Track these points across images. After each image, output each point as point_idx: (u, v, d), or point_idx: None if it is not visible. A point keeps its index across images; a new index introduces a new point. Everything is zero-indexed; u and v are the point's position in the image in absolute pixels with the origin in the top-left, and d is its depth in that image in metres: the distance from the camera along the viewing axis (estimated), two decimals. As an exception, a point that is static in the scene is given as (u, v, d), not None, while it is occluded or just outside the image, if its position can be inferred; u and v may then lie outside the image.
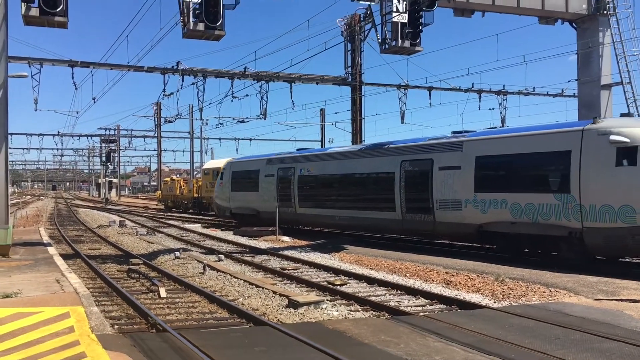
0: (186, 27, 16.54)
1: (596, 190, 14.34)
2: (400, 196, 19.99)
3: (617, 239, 14.08)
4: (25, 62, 25.80)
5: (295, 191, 25.89)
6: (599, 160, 14.32)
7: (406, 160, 20.03)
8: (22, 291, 10.73)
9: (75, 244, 22.74)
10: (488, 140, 17.45)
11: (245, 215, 29.91)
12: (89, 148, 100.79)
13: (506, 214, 16.35)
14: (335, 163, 24.02)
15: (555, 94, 37.09)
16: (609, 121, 15.11)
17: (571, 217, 14.80)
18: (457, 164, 17.94)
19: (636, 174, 13.71)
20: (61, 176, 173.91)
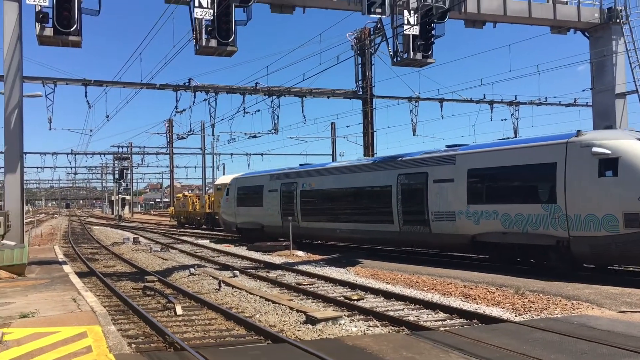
0: (198, 43, 16.64)
1: (581, 200, 14.84)
2: (397, 209, 20.65)
3: (602, 247, 14.55)
4: (39, 82, 26.11)
5: (297, 205, 26.57)
6: (583, 172, 14.84)
7: (402, 174, 20.70)
8: (39, 311, 10.69)
9: (90, 262, 22.76)
10: (479, 153, 18.01)
11: (250, 230, 30.56)
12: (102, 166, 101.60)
13: (497, 225, 16.88)
14: (335, 178, 24.62)
15: (568, 104, 36.90)
16: (592, 134, 15.54)
17: (558, 226, 15.31)
18: (451, 176, 18.52)
19: (617, 184, 14.24)
20: (74, 194, 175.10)
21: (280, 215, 27.76)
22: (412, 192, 20.24)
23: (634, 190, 13.93)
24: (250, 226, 30.69)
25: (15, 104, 17.24)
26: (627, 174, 14.12)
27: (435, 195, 19.04)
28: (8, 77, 17.26)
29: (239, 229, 32.13)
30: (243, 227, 31.57)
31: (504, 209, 16.71)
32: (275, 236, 27.82)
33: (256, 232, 29.85)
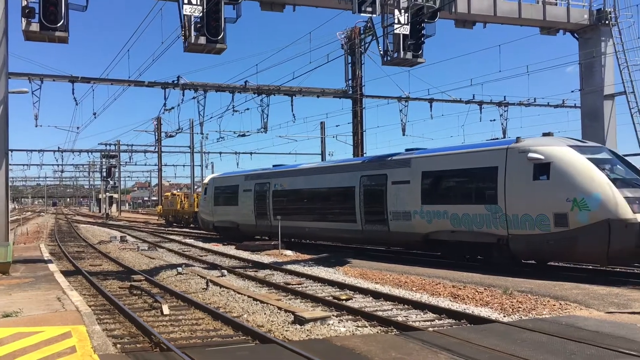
0: (187, 41, 16.47)
1: (518, 201, 16.08)
2: (360, 208, 21.84)
3: (536, 244, 15.84)
4: (25, 78, 25.78)
5: (270, 205, 27.68)
6: (520, 175, 16.08)
7: (365, 175, 21.94)
8: (22, 310, 10.52)
9: (76, 261, 22.53)
10: (431, 157, 19.39)
11: (227, 229, 31.76)
12: (89, 164, 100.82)
13: (447, 224, 18.13)
14: (305, 178, 25.86)
15: (556, 105, 37.05)
16: (529, 140, 16.74)
17: (499, 225, 16.58)
18: (407, 178, 19.79)
19: (549, 187, 15.45)
20: (61, 192, 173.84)
21: (254, 215, 28.92)
22: (372, 193, 21.39)
23: (563, 192, 15.08)
24: (226, 225, 31.73)
25: (0, 100, 16.99)
26: (557, 177, 15.29)
27: (393, 196, 20.24)
28: (-7, 72, 17.01)
29: (216, 227, 33.19)
30: (220, 226, 32.68)
31: (453, 209, 17.93)
32: (250, 234, 29.42)
33: (232, 231, 30.94)
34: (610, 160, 15.99)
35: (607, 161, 15.84)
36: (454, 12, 20.57)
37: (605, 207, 14.49)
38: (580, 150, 15.73)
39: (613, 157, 16.40)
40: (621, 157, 16.85)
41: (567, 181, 15.14)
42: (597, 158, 15.62)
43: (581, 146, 16.18)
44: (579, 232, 14.84)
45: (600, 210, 14.55)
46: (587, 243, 14.79)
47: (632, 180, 15.40)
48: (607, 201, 14.49)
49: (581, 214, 14.82)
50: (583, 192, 14.83)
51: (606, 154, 16.29)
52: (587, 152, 15.75)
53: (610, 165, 15.77)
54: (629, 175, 15.69)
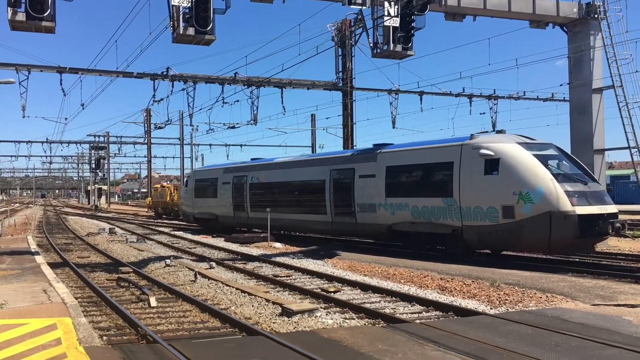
0: (176, 31, 16.31)
1: (471, 194, 17.11)
2: (330, 201, 22.90)
3: (486, 234, 16.86)
4: (12, 69, 25.45)
5: (247, 197, 28.71)
6: (473, 170, 17.10)
7: (334, 169, 22.93)
8: (7, 302, 10.44)
9: (64, 253, 22.38)
10: (395, 152, 20.43)
11: (207, 220, 32.89)
12: (78, 155, 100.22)
13: (408, 216, 19.20)
14: (279, 172, 26.86)
15: (545, 98, 37.18)
16: (482, 137, 17.88)
17: (454, 217, 17.60)
18: (373, 172, 20.81)
19: (498, 181, 16.47)
20: (50, 184, 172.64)
21: (232, 207, 29.98)
22: (341, 186, 22.41)
23: (510, 186, 16.13)
24: (206, 216, 32.79)
25: (-14, 91, 16.79)
26: (505, 172, 16.32)
27: (360, 189, 21.27)
28: (-22, 62, 16.80)
29: (197, 219, 34.26)
30: (200, 217, 33.72)
31: (413, 201, 19.02)
32: (229, 226, 30.52)
33: (212, 222, 32.13)
34: (556, 157, 17.10)
35: (553, 157, 16.94)
36: (444, 5, 20.55)
37: (547, 200, 15.52)
38: (527, 147, 16.70)
39: (559, 153, 17.38)
40: (567, 154, 17.84)
41: (513, 176, 16.13)
42: (542, 154, 16.63)
43: (529, 143, 17.08)
44: (524, 223, 15.84)
45: (543, 203, 15.57)
46: (531, 233, 15.83)
47: (573, 176, 16.43)
48: (549, 195, 15.51)
49: (526, 206, 15.84)
50: (528, 186, 15.85)
51: (553, 151, 17.26)
52: (534, 149, 16.72)
53: (555, 161, 16.89)
54: (571, 170, 16.78)
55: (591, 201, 15.86)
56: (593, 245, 16.95)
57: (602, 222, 15.66)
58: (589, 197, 15.92)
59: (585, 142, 21.38)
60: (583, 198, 15.76)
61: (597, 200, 16.10)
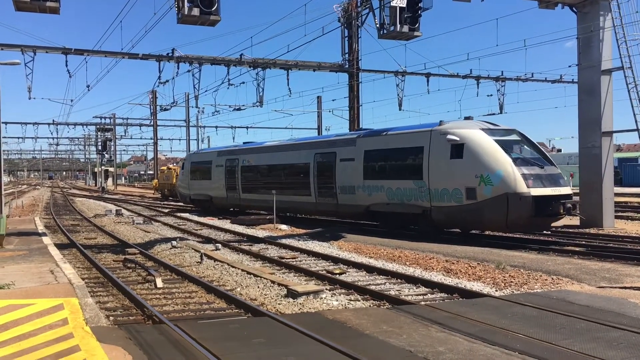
0: (181, 12, 16.21)
1: (439, 177, 18.28)
2: (314, 183, 24.20)
3: (452, 214, 18.05)
4: (18, 50, 25.32)
5: (239, 179, 30.30)
6: (441, 154, 18.24)
7: (318, 153, 24.23)
8: (15, 282, 10.53)
9: (71, 234, 22.53)
10: (372, 137, 21.70)
11: (202, 201, 34.69)
12: (84, 137, 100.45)
13: (384, 197, 20.46)
14: (268, 155, 28.31)
15: (554, 80, 36.78)
16: (450, 123, 18.83)
17: (424, 198, 18.81)
18: (352, 156, 22.08)
19: (462, 165, 17.56)
20: (57, 165, 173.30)
21: (225, 188, 31.62)
22: (324, 169, 23.71)
23: (473, 170, 17.24)
24: (201, 197, 34.62)
25: (-8, 72, 16.77)
26: (469, 157, 17.43)
27: (341, 172, 22.57)
28: (-17, 43, 16.75)
29: (193, 200, 36.05)
30: (195, 198, 35.52)
31: (388, 184, 20.26)
32: (221, 206, 32.38)
33: (206, 203, 33.98)
34: (517, 142, 18.32)
35: (514, 142, 18.20)
36: (452, -15, 20.22)
37: (504, 182, 16.68)
38: (490, 133, 17.83)
39: (521, 139, 18.51)
40: (528, 140, 18.79)
41: (476, 160, 17.28)
42: (503, 140, 17.81)
43: (492, 129, 18.20)
44: (485, 204, 17.03)
45: (501, 185, 16.73)
46: (491, 213, 17.02)
47: (531, 160, 17.60)
48: (507, 177, 16.67)
49: (486, 188, 17.01)
50: (488, 169, 16.99)
51: (515, 136, 18.47)
52: (497, 135, 17.89)
53: (516, 146, 18.12)
54: (530, 155, 18.00)
55: (545, 183, 17.02)
56: (549, 224, 18.11)
57: (555, 202, 16.81)
58: (544, 180, 17.05)
59: (593, 124, 21.16)
60: (538, 180, 16.90)
61: (552, 182, 17.21)
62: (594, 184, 21.16)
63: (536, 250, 15.70)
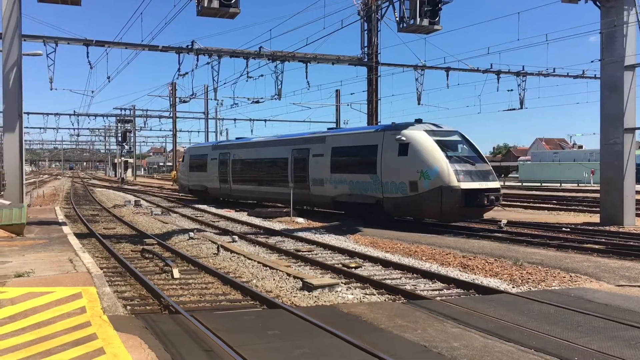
0: (201, 4, 16.27)
1: (389, 172, 20.88)
2: (291, 175, 26.96)
3: (399, 204, 20.73)
4: (40, 41, 25.58)
5: (229, 171, 33.28)
6: (391, 152, 20.87)
7: (295, 149, 27.06)
8: (34, 270, 10.68)
9: (90, 224, 22.79)
10: (338, 135, 24.85)
11: (199, 191, 37.78)
12: (105, 128, 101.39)
13: (346, 189, 23.22)
14: (255, 150, 31.25)
15: (576, 75, 36.23)
16: (400, 125, 21.43)
17: (377, 190, 21.44)
18: (322, 152, 24.86)
19: (407, 162, 20.13)
20: (78, 156, 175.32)
21: (218, 180, 34.69)
22: (300, 163, 26.50)
23: (415, 166, 19.80)
24: (198, 188, 37.74)
25: (14, 62, 16.99)
26: (412, 154, 20.00)
27: (313, 166, 25.37)
28: (7, 34, 16.98)
29: (191, 190, 39.25)
30: (193, 189, 38.68)
31: (350, 177, 23.06)
32: (215, 196, 35.50)
33: (203, 193, 37.06)
34: (456, 142, 20.82)
35: (453, 142, 20.73)
36: (473, -22, 20.03)
37: (440, 177, 19.17)
38: (432, 134, 20.36)
39: (461, 139, 21.04)
40: (467, 140, 21.15)
41: (418, 157, 19.84)
42: (443, 140, 20.37)
43: (435, 131, 20.73)
44: (424, 195, 19.55)
45: (437, 179, 19.23)
46: (429, 203, 19.52)
47: (464, 158, 20.07)
48: (442, 173, 19.17)
49: (425, 182, 19.51)
50: (427, 165, 19.53)
51: (456, 137, 21.05)
52: (438, 136, 20.42)
53: (454, 145, 20.60)
54: (467, 154, 20.40)
55: (475, 178, 19.47)
56: (480, 213, 20.46)
57: (482, 195, 19.18)
58: (474, 175, 19.54)
59: (615, 121, 20.84)
60: (468, 176, 19.36)
61: (481, 178, 19.68)
62: (615, 181, 20.86)
63: (555, 248, 15.54)
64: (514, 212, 27.18)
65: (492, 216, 23.35)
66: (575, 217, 24.56)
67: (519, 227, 20.49)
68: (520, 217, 23.96)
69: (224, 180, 33.92)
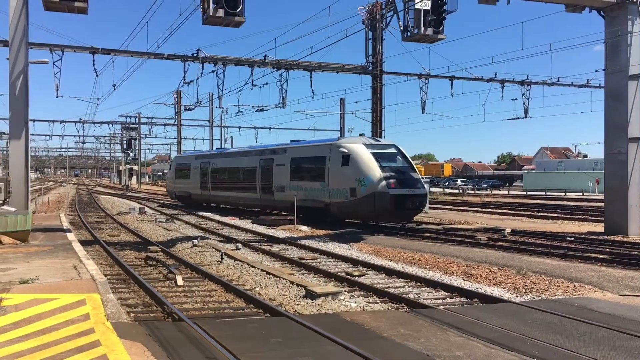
0: (206, 13, 16.36)
1: (335, 180, 24.11)
2: (258, 183, 30.34)
3: (342, 208, 23.98)
4: (46, 49, 25.82)
5: (208, 179, 36.82)
6: (336, 162, 24.08)
7: (262, 159, 30.37)
8: (39, 277, 10.72)
9: (95, 231, 22.86)
10: (295, 147, 28.11)
11: (183, 197, 40.95)
12: (110, 135, 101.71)
13: (302, 194, 25.92)
14: (229, 159, 34.74)
15: (580, 85, 36.28)
16: (345, 139, 25.48)
17: (325, 196, 24.71)
18: (284, 162, 28.08)
19: (348, 171, 23.37)
20: (83, 163, 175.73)
21: (199, 187, 38.06)
22: (266, 171, 29.68)
23: (355, 174, 22.98)
24: (183, 194, 40.94)
25: (21, 70, 17.12)
26: (352, 165, 23.21)
27: (277, 174, 28.50)
28: (13, 42, 17.13)
29: (177, 196, 42.46)
30: (179, 195, 41.86)
31: (304, 184, 26.24)
32: (198, 202, 38.68)
33: (187, 199, 40.10)
34: (390, 154, 23.91)
35: (387, 154, 23.78)
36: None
37: (373, 184, 22.24)
38: (369, 147, 23.52)
39: (396, 151, 24.20)
40: (402, 152, 24.37)
41: (356, 167, 22.97)
42: (379, 152, 23.45)
43: (373, 144, 24.03)
44: (361, 200, 22.57)
45: (371, 186, 22.28)
46: (365, 207, 22.56)
47: (396, 168, 23.21)
48: (375, 181, 22.25)
49: (362, 188, 22.55)
50: (364, 175, 22.61)
51: (392, 150, 24.21)
52: (375, 148, 23.60)
53: (388, 157, 23.60)
54: (399, 164, 23.59)
55: (403, 186, 22.54)
56: (409, 216, 23.77)
57: (408, 200, 22.36)
58: (403, 183, 22.66)
59: (620, 130, 20.82)
60: (398, 184, 22.42)
61: (409, 186, 22.78)
62: (619, 190, 20.83)
63: (559, 257, 15.50)
64: (518, 221, 27.14)
65: (496, 225, 23.34)
66: (579, 227, 24.51)
67: (522, 236, 20.45)
68: (524, 226, 23.93)
69: (204, 187, 37.38)
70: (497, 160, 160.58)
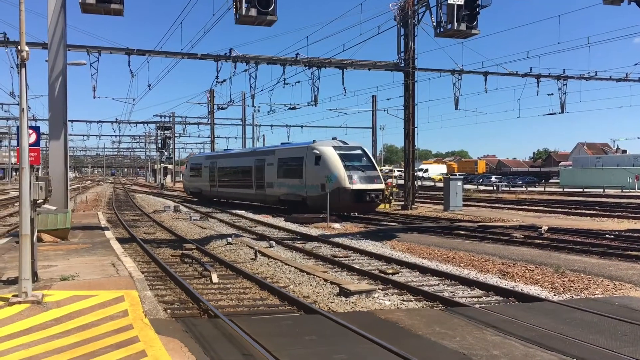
0: (238, 12, 16.46)
1: (310, 177, 28.62)
2: (253, 180, 35.01)
3: (316, 201, 27.92)
4: (84, 50, 26.38)
5: (216, 177, 41.68)
6: (311, 162, 28.61)
7: (256, 159, 35.12)
8: (79, 274, 10.97)
9: (132, 228, 23.27)
10: (281, 149, 32.84)
11: (196, 193, 46.10)
12: (145, 135, 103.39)
13: (286, 190, 30.97)
14: (232, 159, 39.69)
15: (619, 79, 35.41)
16: (318, 142, 29.29)
17: (303, 191, 29.22)
18: (272, 162, 32.80)
19: (319, 169, 27.98)
20: (119, 162, 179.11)
21: (209, 184, 42.96)
22: (259, 170, 34.28)
23: (324, 172, 27.59)
24: (196, 190, 46.22)
25: (59, 72, 17.51)
26: (322, 164, 27.85)
27: (267, 172, 33.13)
28: (52, 44, 17.53)
29: (191, 192, 47.69)
30: (193, 191, 47.21)
31: (287, 181, 30.84)
32: (208, 197, 43.41)
33: (200, 195, 45.01)
34: (356, 155, 28.41)
35: (353, 155, 28.24)
36: (512, -19, 19.77)
37: (338, 181, 26.98)
38: (337, 149, 28.09)
39: (361, 153, 28.92)
40: (366, 153, 29.31)
41: (326, 166, 27.64)
42: (345, 154, 27.95)
43: (341, 147, 28.56)
44: (329, 194, 26.50)
45: (336, 183, 26.99)
46: (332, 199, 26.07)
47: (358, 166, 27.80)
48: (340, 178, 26.97)
49: (330, 184, 27.14)
50: (331, 172, 27.28)
51: (358, 151, 28.79)
52: (342, 150, 28.13)
53: (353, 157, 28.06)
54: (362, 163, 28.19)
55: (363, 182, 27.18)
56: (370, 208, 28.23)
57: (366, 194, 26.98)
58: (363, 179, 27.27)
59: (661, 125, 20.33)
60: (358, 180, 27.06)
61: (368, 181, 27.40)
62: (660, 186, 20.28)
63: (598, 255, 15.16)
64: (554, 219, 26.65)
65: (532, 222, 22.93)
66: (619, 224, 23.93)
67: (560, 234, 20.06)
68: (561, 224, 23.48)
69: (212, 185, 42.30)
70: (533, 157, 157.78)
